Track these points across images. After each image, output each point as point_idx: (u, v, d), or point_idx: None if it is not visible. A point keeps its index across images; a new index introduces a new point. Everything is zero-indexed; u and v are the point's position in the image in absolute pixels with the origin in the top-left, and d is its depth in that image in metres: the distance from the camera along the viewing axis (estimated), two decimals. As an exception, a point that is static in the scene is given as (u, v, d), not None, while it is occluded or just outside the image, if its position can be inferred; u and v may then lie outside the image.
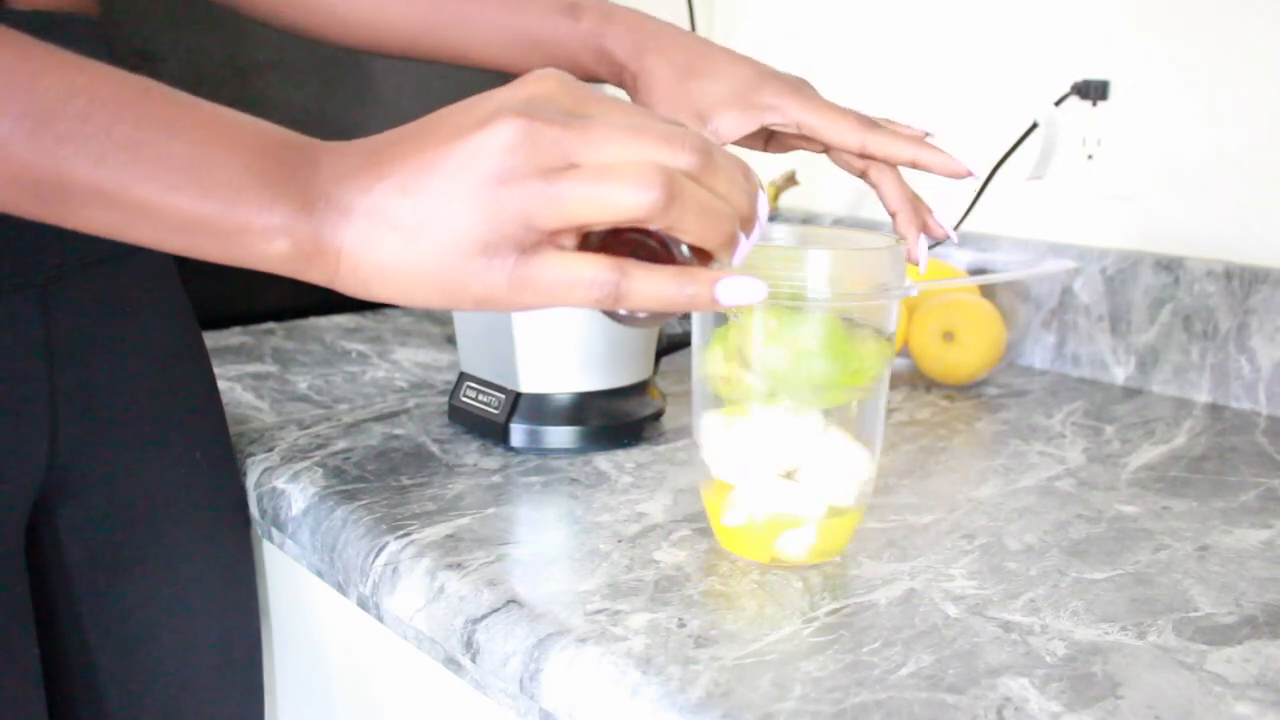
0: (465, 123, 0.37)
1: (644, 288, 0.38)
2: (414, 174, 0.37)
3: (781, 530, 0.54)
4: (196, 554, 0.66)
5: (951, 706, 0.43)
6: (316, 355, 0.93)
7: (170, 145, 0.36)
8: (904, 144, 0.58)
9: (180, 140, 0.36)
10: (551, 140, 0.36)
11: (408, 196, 0.37)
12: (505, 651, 0.49)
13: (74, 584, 0.61)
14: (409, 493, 0.64)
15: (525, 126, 0.36)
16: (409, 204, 0.37)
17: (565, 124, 0.37)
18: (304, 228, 0.37)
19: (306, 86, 0.92)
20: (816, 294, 0.51)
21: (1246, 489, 0.69)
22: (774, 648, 0.47)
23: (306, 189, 0.37)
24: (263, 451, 0.70)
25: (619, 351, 0.72)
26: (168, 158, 0.36)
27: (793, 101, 0.59)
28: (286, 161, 0.37)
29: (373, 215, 0.37)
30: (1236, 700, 0.44)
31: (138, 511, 0.62)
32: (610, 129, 0.37)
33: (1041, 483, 0.69)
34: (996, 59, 1.01)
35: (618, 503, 0.63)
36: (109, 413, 0.60)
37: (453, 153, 0.37)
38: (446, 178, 0.37)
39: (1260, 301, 0.85)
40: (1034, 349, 0.98)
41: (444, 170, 0.37)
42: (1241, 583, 0.55)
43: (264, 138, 0.38)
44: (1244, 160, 0.87)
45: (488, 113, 0.37)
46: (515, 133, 0.36)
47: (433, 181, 0.37)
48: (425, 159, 0.37)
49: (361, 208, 0.37)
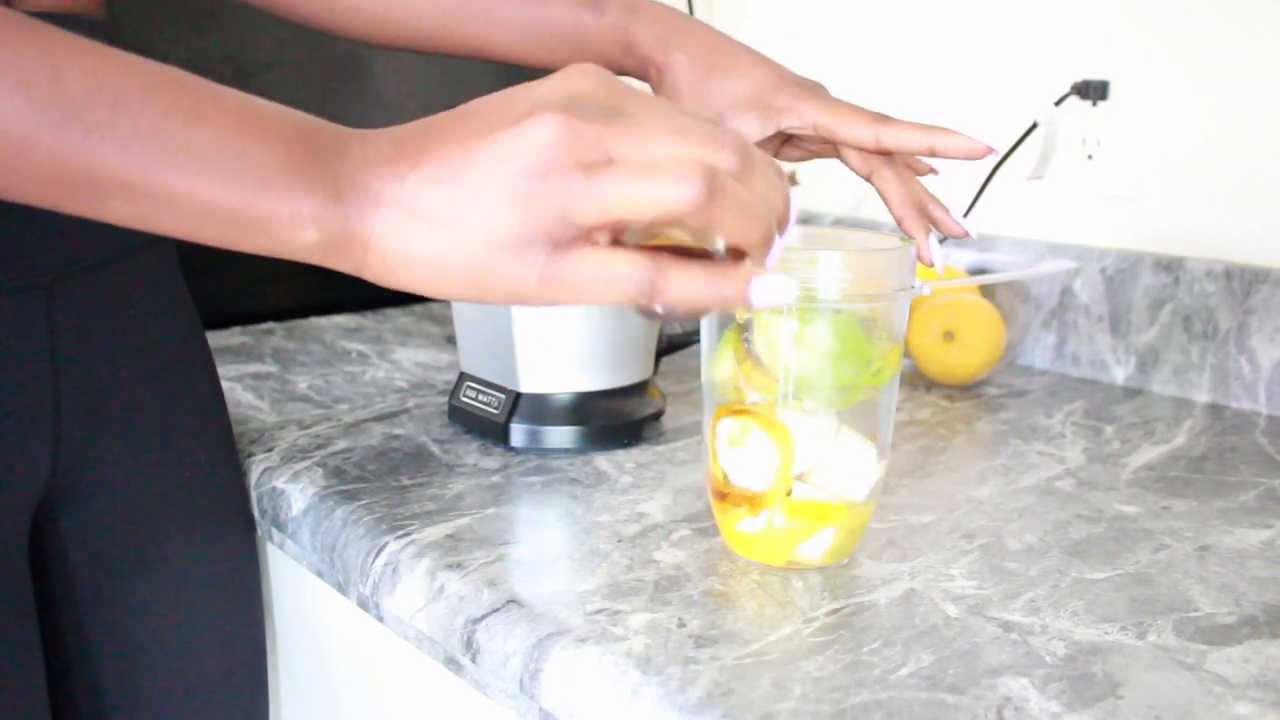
0: (503, 116, 0.37)
1: (679, 285, 0.37)
2: (449, 165, 0.37)
3: (802, 534, 0.54)
4: (200, 557, 0.66)
5: (951, 706, 0.43)
6: (316, 355, 0.93)
7: (197, 135, 0.35)
8: (918, 132, 0.57)
9: (207, 129, 0.36)
10: (592, 137, 0.36)
11: (441, 187, 0.36)
12: (505, 651, 0.49)
13: (77, 587, 0.61)
14: (409, 493, 0.64)
15: (565, 122, 0.36)
16: (442, 195, 0.36)
17: (605, 120, 0.36)
18: (333, 216, 0.37)
19: (306, 86, 0.92)
20: (832, 295, 0.51)
21: (1246, 489, 0.69)
22: (774, 648, 0.47)
23: (336, 177, 0.37)
24: (263, 451, 0.70)
25: (619, 351, 0.72)
26: (194, 147, 0.35)
27: (808, 104, 0.59)
28: (315, 149, 0.37)
29: (403, 205, 0.37)
30: (1236, 700, 0.44)
31: (142, 515, 0.62)
32: (651, 127, 0.37)
33: (1041, 483, 0.69)
34: (996, 59, 1.01)
35: (618, 503, 0.63)
36: (114, 415, 0.60)
37: (490, 146, 0.36)
38: (482, 170, 0.36)
39: (1260, 301, 0.85)
40: (1034, 349, 0.98)
41: (480, 162, 0.36)
42: (1241, 583, 0.55)
43: (292, 126, 0.37)
44: (1244, 160, 0.87)
45: (527, 107, 0.36)
46: (555, 128, 0.36)
47: (468, 174, 0.36)
48: (461, 149, 0.37)
49: (392, 196, 0.37)
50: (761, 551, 0.55)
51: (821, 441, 0.53)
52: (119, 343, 0.60)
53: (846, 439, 0.54)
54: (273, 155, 0.36)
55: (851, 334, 0.52)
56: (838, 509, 0.54)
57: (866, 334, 0.52)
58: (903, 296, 0.53)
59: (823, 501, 0.53)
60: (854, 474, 0.54)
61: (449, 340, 1.00)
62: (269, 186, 0.36)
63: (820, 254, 0.51)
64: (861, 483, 0.54)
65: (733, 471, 0.54)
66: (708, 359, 0.56)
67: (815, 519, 0.53)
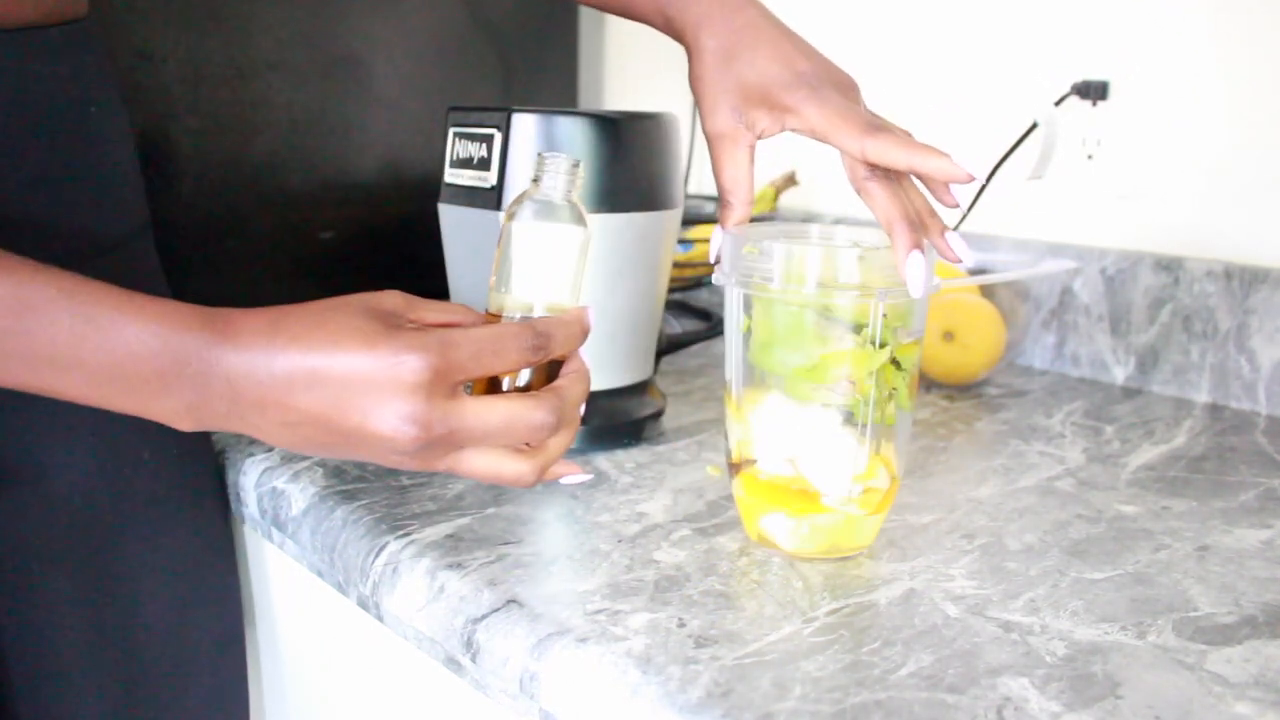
0: (369, 417, 0.43)
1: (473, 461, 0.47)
2: (319, 436, 0.44)
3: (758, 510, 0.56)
4: (166, 543, 0.66)
5: (951, 706, 0.43)
6: (316, 355, 0.93)
7: (86, 358, 0.42)
8: (902, 150, 0.55)
9: (93, 352, 0.42)
10: (441, 450, 0.45)
11: (314, 425, 0.43)
12: (505, 651, 0.49)
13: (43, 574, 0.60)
14: (409, 492, 0.64)
15: (418, 438, 0.43)
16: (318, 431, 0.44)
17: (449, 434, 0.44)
18: (204, 411, 0.44)
19: (306, 86, 0.92)
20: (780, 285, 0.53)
21: (1246, 489, 0.69)
22: (774, 648, 0.47)
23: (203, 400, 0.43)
24: (263, 451, 0.70)
25: (619, 351, 0.72)
26: (85, 368, 0.42)
27: (810, 106, 0.58)
28: (187, 375, 0.43)
29: (280, 423, 0.44)
30: (1236, 700, 0.44)
31: (108, 503, 0.62)
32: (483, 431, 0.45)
33: (1041, 483, 0.69)
34: (996, 59, 1.01)
35: (618, 503, 0.63)
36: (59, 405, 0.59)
37: (358, 440, 0.44)
38: (352, 428, 0.43)
39: (1260, 301, 0.85)
40: (1034, 349, 0.98)
41: (348, 446, 0.44)
42: (1241, 583, 0.55)
43: (170, 352, 0.43)
44: (1244, 160, 0.87)
45: (386, 418, 0.43)
46: (411, 442, 0.43)
47: (339, 425, 0.43)
48: (331, 428, 0.43)
49: (269, 419, 0.44)
50: (744, 517, 0.59)
51: (813, 432, 0.54)
52: None
53: (839, 436, 0.54)
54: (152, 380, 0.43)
55: (797, 323, 0.53)
56: (799, 498, 0.55)
57: (818, 328, 0.53)
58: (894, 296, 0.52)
59: (784, 486, 0.55)
60: (832, 471, 0.54)
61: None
62: (149, 402, 0.43)
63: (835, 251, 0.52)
64: (836, 482, 0.54)
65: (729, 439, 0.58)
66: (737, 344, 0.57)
67: (770, 500, 0.56)
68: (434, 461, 0.45)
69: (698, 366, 0.92)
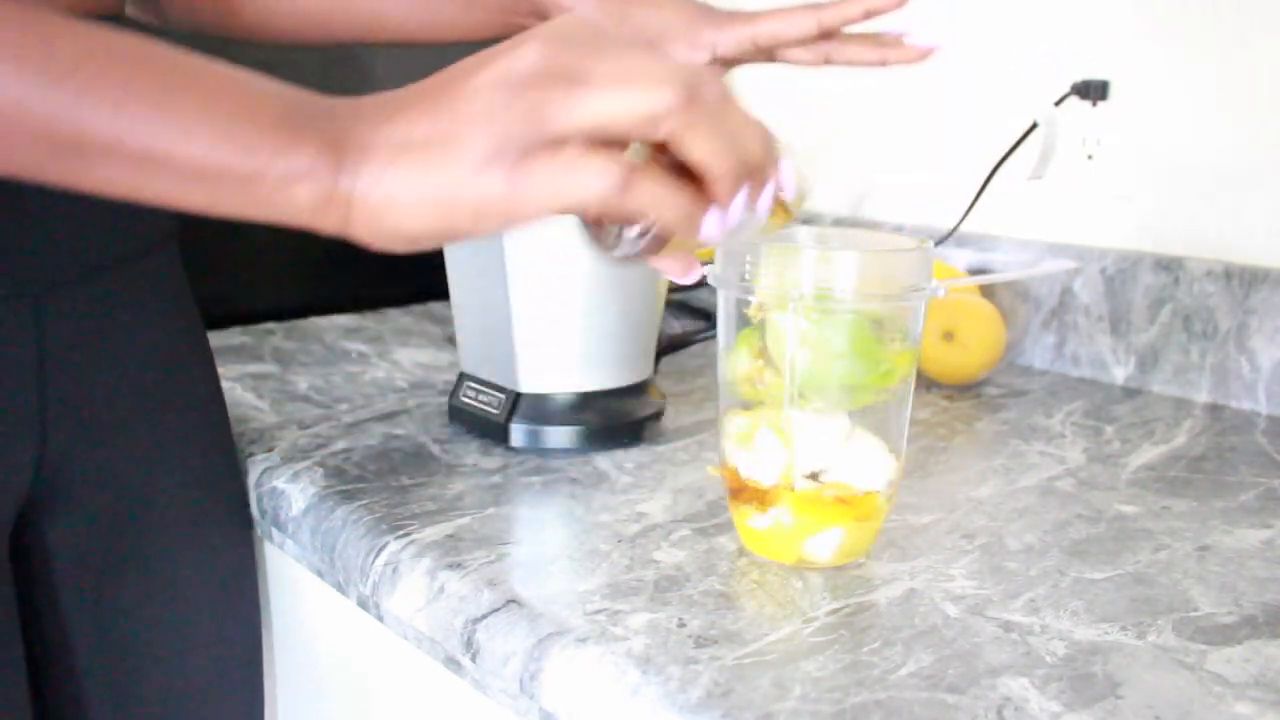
0: (490, 54, 0.37)
1: (647, 190, 0.37)
2: (432, 97, 0.37)
3: (808, 531, 0.54)
4: (194, 559, 0.65)
5: (951, 706, 0.43)
6: (316, 355, 0.93)
7: (188, 96, 0.36)
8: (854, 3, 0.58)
9: (198, 91, 0.36)
10: (573, 55, 0.36)
11: (425, 116, 0.37)
12: (505, 651, 0.49)
13: (61, 591, 0.61)
14: (409, 493, 0.64)
15: (546, 44, 0.36)
16: (425, 123, 0.37)
17: (590, 44, 0.37)
18: (324, 172, 0.37)
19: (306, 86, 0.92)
20: (845, 295, 0.51)
21: (1246, 489, 0.69)
22: (774, 648, 0.47)
23: (326, 133, 0.37)
24: (263, 451, 0.70)
25: (619, 351, 0.72)
26: (186, 106, 0.36)
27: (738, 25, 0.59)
28: (305, 110, 0.37)
29: (391, 143, 0.37)
30: (1236, 700, 0.44)
31: (133, 518, 0.62)
32: (635, 53, 0.37)
33: (1041, 483, 0.69)
34: (996, 59, 1.01)
35: (618, 503, 0.63)
36: (104, 421, 0.59)
37: (475, 75, 0.37)
38: (466, 93, 0.37)
39: (1260, 301, 0.85)
40: (1034, 349, 0.98)
41: (464, 89, 0.37)
42: (1241, 583, 0.55)
43: (281, 91, 0.38)
44: (1244, 160, 0.87)
45: (512, 43, 0.37)
46: (537, 50, 0.36)
47: (451, 100, 0.37)
48: (446, 81, 0.37)
49: (381, 139, 0.37)
50: (772, 549, 0.55)
51: (834, 441, 0.53)
52: (113, 349, 0.59)
53: (860, 439, 0.54)
54: (265, 114, 0.37)
55: (861, 335, 0.52)
56: (845, 508, 0.54)
57: (877, 335, 0.52)
58: (914, 298, 0.53)
59: (830, 499, 0.53)
60: (868, 473, 0.54)
61: (449, 340, 1.00)
62: (261, 143, 0.36)
63: (836, 254, 0.51)
64: (876, 479, 0.54)
65: (743, 468, 0.55)
66: (723, 357, 0.56)
67: (821, 517, 0.54)
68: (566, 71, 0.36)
69: (698, 366, 0.92)
